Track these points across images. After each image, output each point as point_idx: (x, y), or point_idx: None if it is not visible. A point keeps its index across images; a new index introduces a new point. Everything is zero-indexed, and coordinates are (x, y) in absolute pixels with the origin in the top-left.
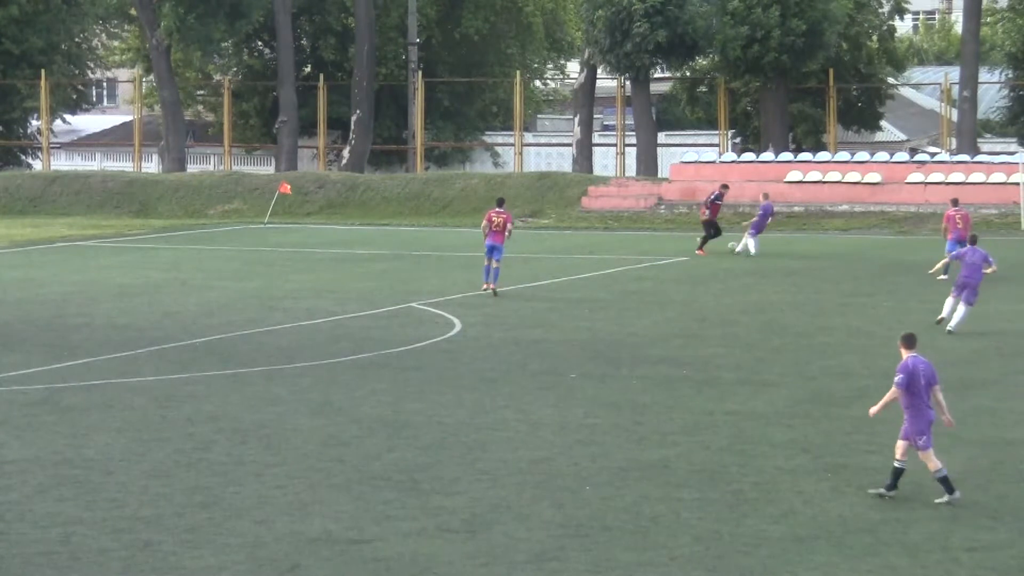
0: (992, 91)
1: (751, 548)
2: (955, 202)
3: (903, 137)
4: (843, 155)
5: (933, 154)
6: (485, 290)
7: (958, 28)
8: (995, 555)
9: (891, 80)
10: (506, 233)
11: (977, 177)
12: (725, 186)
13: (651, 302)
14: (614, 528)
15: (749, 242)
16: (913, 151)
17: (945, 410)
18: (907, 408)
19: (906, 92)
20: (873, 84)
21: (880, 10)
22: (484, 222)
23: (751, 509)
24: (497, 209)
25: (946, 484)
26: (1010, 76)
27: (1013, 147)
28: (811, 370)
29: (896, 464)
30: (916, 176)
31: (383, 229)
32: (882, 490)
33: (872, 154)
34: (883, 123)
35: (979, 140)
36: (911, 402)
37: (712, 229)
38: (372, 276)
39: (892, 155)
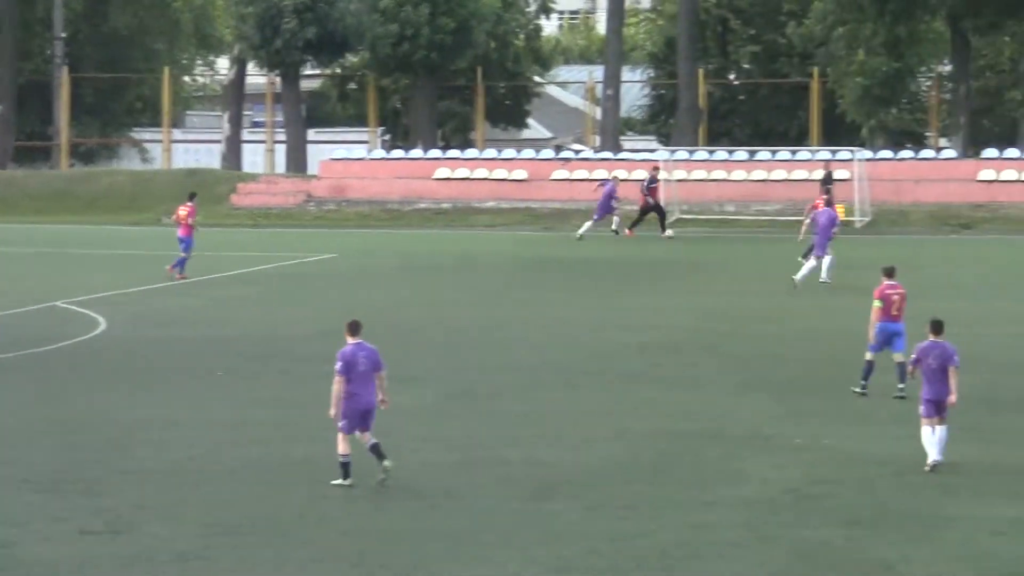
0: (634, 90)
1: (394, 543)
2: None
3: (549, 135)
4: (490, 152)
5: (578, 151)
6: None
7: (601, 28)
8: (633, 544)
9: (537, 79)
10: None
11: (619, 174)
12: (656, 168)
13: (302, 299)
14: (261, 526)
15: (588, 224)
16: (558, 148)
17: (333, 402)
18: (348, 396)
19: (552, 90)
20: (520, 82)
21: (527, 9)
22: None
23: (395, 504)
24: (187, 203)
25: (377, 453)
26: (651, 75)
27: (654, 145)
28: (459, 365)
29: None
30: (561, 173)
31: (26, 227)
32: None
33: (519, 151)
34: (530, 121)
35: (622, 138)
36: (350, 389)
37: (649, 212)
38: (13, 275)
39: (538, 152)
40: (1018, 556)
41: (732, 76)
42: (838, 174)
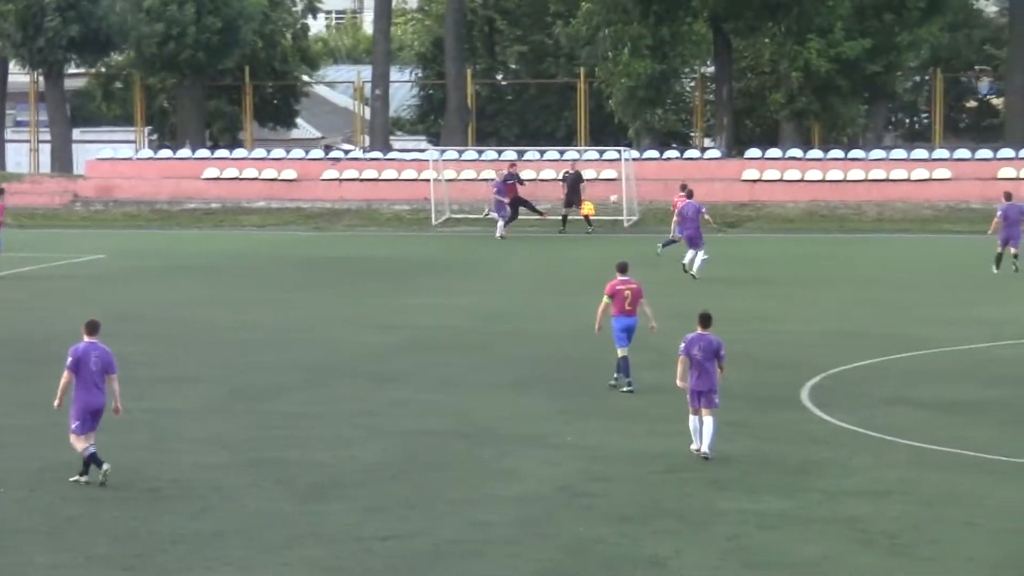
0: (403, 90)
1: (169, 545)
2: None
3: (318, 135)
4: (260, 152)
5: (347, 151)
6: None
7: (369, 28)
8: (408, 543)
9: (305, 78)
10: None
11: (390, 174)
12: (513, 164)
13: (69, 301)
14: (29, 530)
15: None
16: (328, 148)
17: (59, 395)
18: (76, 390)
19: (321, 90)
20: (288, 82)
21: (294, 8)
22: None
23: (169, 506)
24: None
25: (95, 460)
26: (419, 75)
27: (424, 144)
28: (232, 366)
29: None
30: (331, 173)
31: None
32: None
33: (288, 151)
34: (299, 120)
35: (391, 138)
36: (80, 388)
37: (519, 206)
38: None
39: (307, 152)
40: (786, 549)
41: (500, 76)
42: (605, 173)
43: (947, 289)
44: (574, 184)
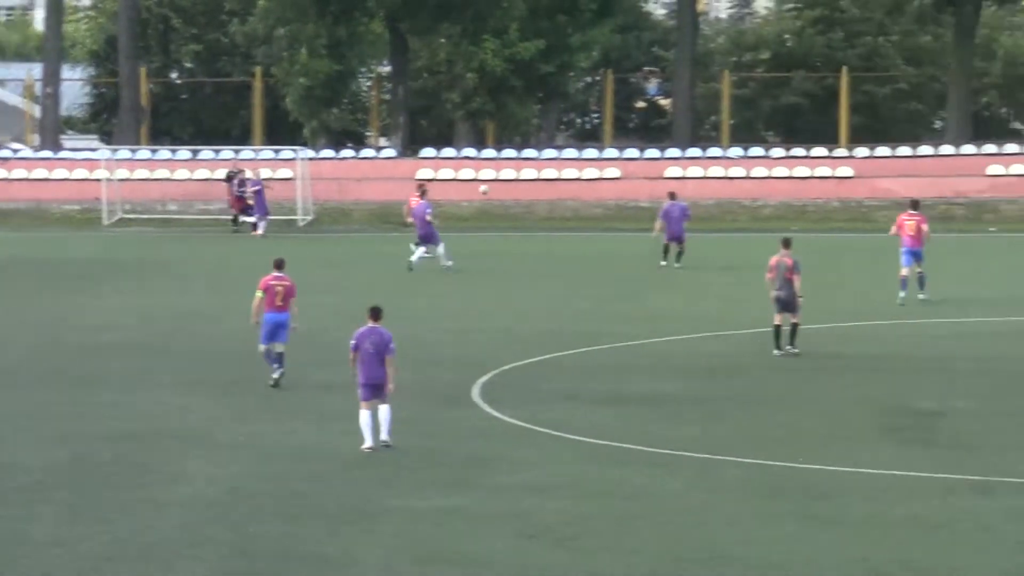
0: (75, 88)
1: None
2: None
3: None
4: None
5: (16, 150)
6: None
7: (39, 24)
8: (76, 548)
9: None
10: None
11: (60, 173)
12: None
13: None
14: None
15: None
16: None
17: None
18: None
19: None
20: None
21: None
22: None
23: None
24: None
25: None
26: (92, 74)
27: (95, 144)
28: None
29: None
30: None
31: None
32: None
33: None
34: None
35: (62, 137)
36: None
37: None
38: None
39: None
40: (454, 545)
41: (175, 75)
42: (281, 173)
43: (615, 286)
44: (232, 181)
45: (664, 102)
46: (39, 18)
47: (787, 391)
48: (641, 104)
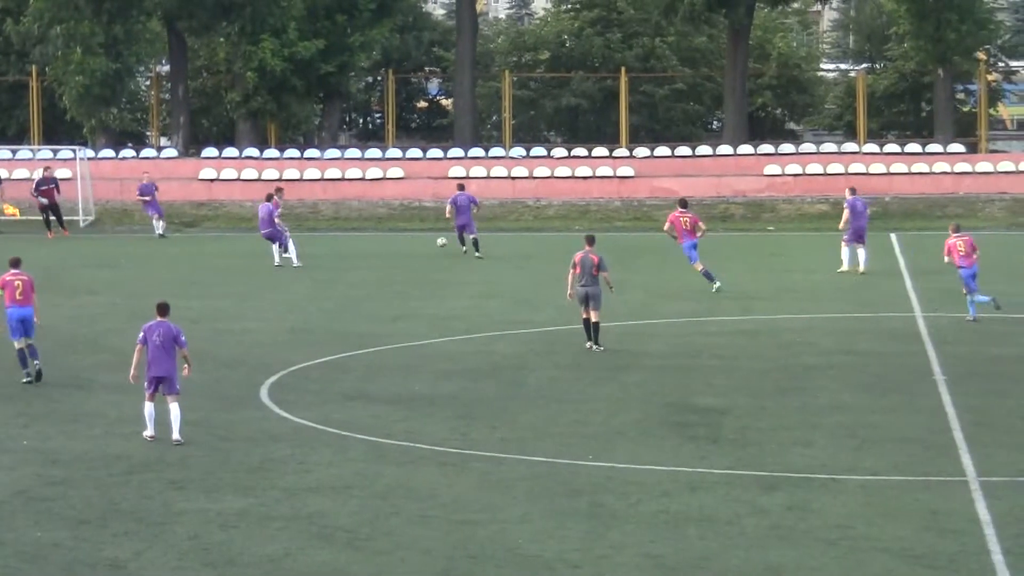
0: None
1: None
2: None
3: None
4: None
5: None
6: None
7: None
8: None
9: None
10: None
11: None
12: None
13: None
14: None
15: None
16: None
17: None
18: None
19: None
20: None
21: None
22: None
23: None
24: None
25: None
26: None
27: None
28: None
29: None
30: None
31: None
32: None
33: None
34: None
35: None
36: None
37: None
38: None
39: None
40: (247, 547)
41: None
42: (60, 173)
43: (400, 286)
44: None
45: (446, 102)
46: None
47: (574, 389)
48: (423, 104)
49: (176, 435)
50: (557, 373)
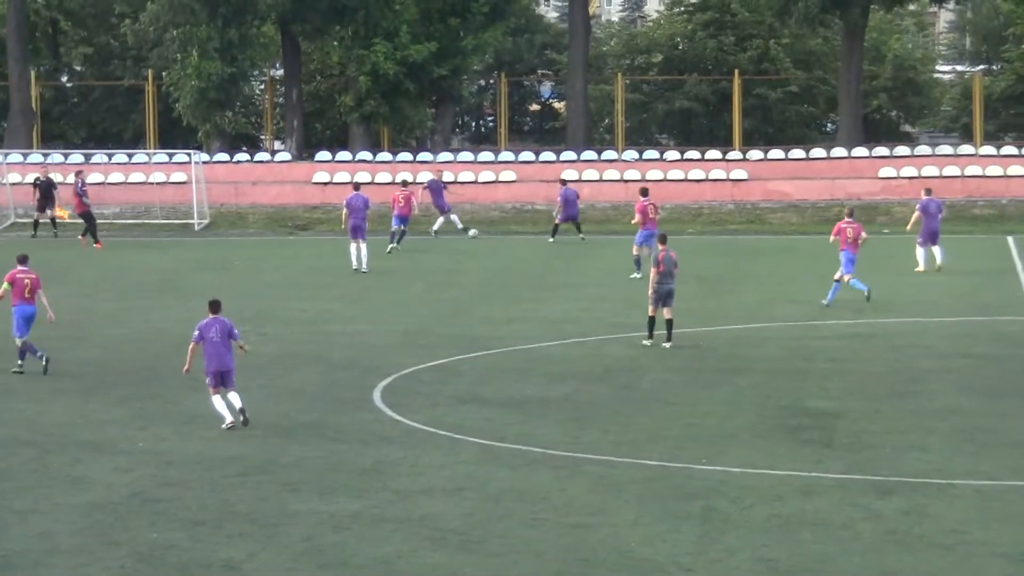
0: None
1: None
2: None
3: None
4: None
5: None
6: None
7: None
8: None
9: None
10: None
11: None
12: (80, 172)
13: None
14: None
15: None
16: None
17: None
18: None
19: None
20: None
21: None
22: None
23: None
24: None
25: None
26: None
27: None
28: None
29: None
30: None
31: None
32: None
33: None
34: None
35: None
36: None
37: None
38: None
39: None
40: (359, 549)
41: (65, 78)
42: (175, 176)
43: (512, 289)
44: (47, 190)
45: (558, 105)
46: None
47: (686, 393)
48: (535, 107)
49: (238, 404)
50: (669, 376)
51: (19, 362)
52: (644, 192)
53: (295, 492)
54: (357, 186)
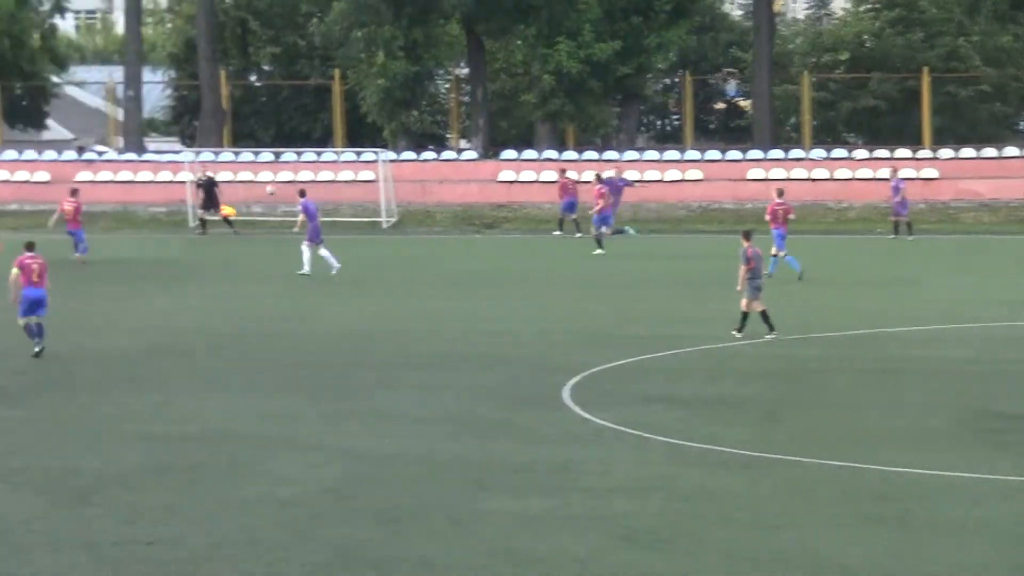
0: (156, 91)
1: None
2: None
3: (70, 136)
4: (11, 154)
5: (101, 153)
6: None
7: (120, 28)
8: (172, 548)
9: (55, 79)
10: None
11: (145, 176)
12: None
13: None
14: None
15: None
16: (81, 150)
17: None
18: None
19: (71, 91)
20: (37, 82)
21: (41, 8)
22: None
23: None
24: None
25: None
26: (172, 76)
27: (177, 146)
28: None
29: None
30: (85, 175)
31: None
32: None
33: (40, 153)
34: (49, 122)
35: (145, 139)
36: None
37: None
38: None
39: (60, 154)
40: (550, 547)
41: (253, 77)
42: (363, 175)
43: (700, 288)
44: (209, 188)
45: (744, 103)
46: (119, 21)
47: (879, 394)
48: (720, 105)
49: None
50: (861, 377)
51: (36, 343)
52: (780, 193)
53: (486, 490)
54: (303, 192)
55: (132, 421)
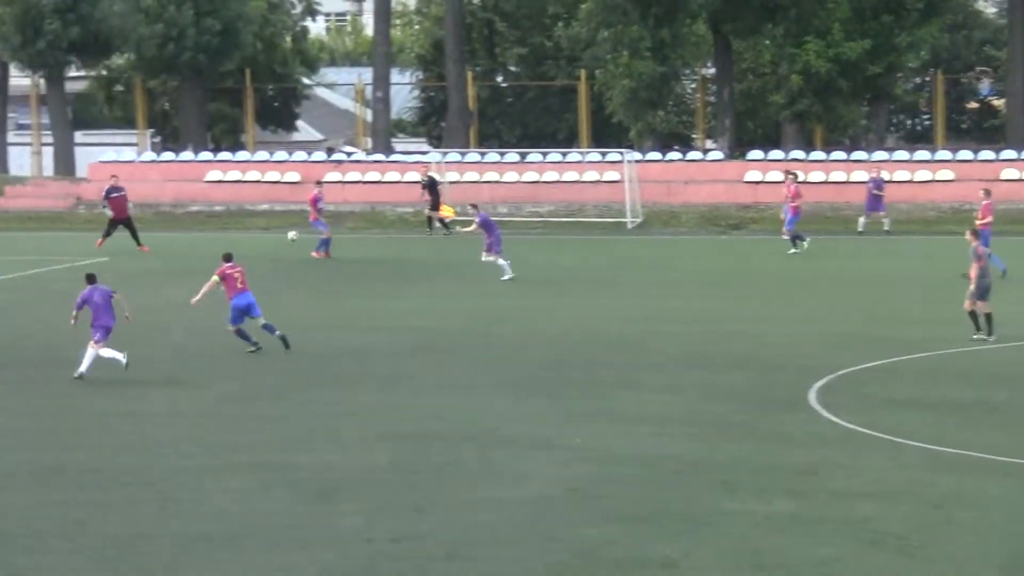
0: (404, 92)
1: (179, 549)
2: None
3: (320, 136)
4: (262, 154)
5: (350, 153)
6: None
7: (369, 30)
8: (418, 544)
9: (306, 80)
10: None
11: (393, 176)
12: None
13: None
14: (43, 532)
15: None
16: (330, 151)
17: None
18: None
19: (321, 92)
20: (288, 84)
21: (293, 11)
22: None
23: (179, 510)
24: None
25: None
26: (420, 77)
27: (425, 147)
28: (233, 371)
29: None
30: (334, 175)
31: None
32: None
33: (290, 153)
34: (300, 123)
35: (393, 140)
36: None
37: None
38: None
39: (310, 154)
40: (796, 550)
41: (500, 78)
42: (608, 175)
43: (951, 289)
44: (432, 188)
45: (998, 102)
46: (369, 23)
47: None
48: (973, 105)
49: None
50: None
51: (252, 344)
52: (987, 193)
53: (730, 491)
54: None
55: (377, 419)
